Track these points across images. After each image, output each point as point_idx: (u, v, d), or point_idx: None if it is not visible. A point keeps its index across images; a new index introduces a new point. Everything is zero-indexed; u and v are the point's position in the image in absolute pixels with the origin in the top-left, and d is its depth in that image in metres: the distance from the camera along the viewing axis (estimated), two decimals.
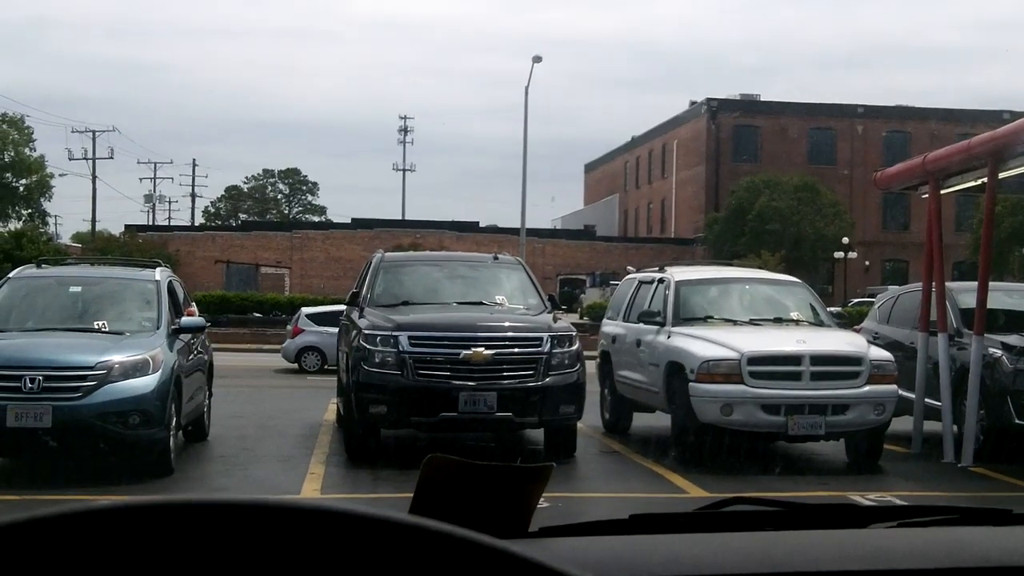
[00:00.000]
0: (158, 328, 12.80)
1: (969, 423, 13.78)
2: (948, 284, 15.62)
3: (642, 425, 16.08)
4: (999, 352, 13.94)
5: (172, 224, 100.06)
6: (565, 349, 13.38)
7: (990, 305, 14.18)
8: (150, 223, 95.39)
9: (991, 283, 14.90)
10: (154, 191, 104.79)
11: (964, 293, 15.28)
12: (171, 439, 12.03)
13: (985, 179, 14.22)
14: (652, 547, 1.88)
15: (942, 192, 15.63)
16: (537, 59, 50.86)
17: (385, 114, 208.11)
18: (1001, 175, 13.97)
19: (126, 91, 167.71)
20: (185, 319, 13.64)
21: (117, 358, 11.73)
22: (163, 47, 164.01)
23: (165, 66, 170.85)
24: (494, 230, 75.91)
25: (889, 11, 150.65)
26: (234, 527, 1.04)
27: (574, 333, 13.83)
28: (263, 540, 1.04)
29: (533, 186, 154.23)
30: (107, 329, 12.71)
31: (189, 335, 13.57)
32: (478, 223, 78.77)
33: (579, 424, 14.06)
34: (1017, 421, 13.64)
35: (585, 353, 14.08)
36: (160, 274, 13.99)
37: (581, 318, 47.06)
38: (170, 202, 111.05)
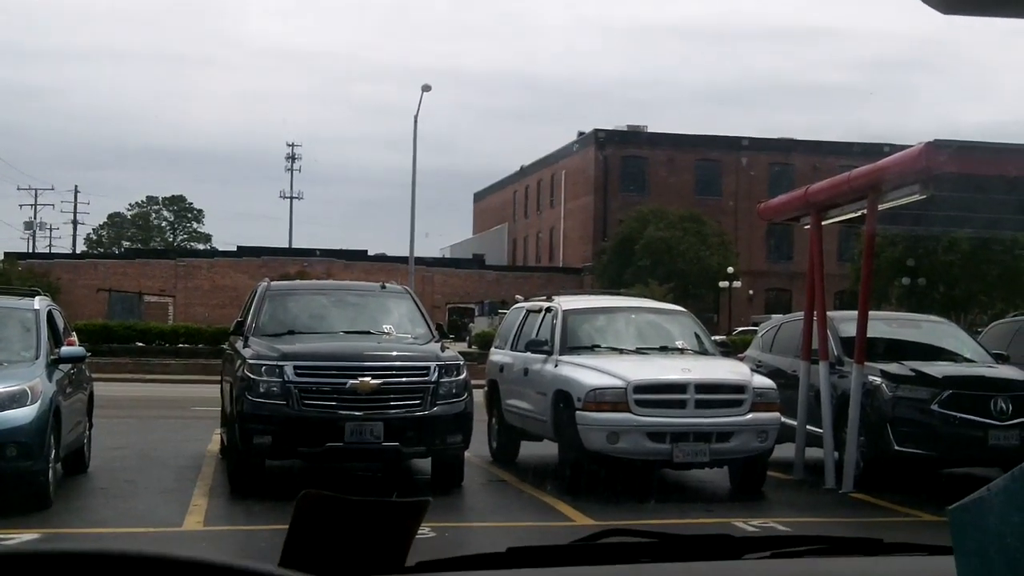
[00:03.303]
0: (37, 358, 12.49)
1: (850, 450, 14.02)
2: (829, 313, 15.90)
3: (529, 454, 16.10)
4: (879, 380, 14.22)
5: (53, 252, 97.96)
6: (452, 378, 13.35)
7: (870, 334, 14.45)
8: (30, 251, 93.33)
9: (871, 312, 15.22)
10: (35, 218, 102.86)
11: (845, 322, 15.56)
12: (50, 471, 11.74)
13: (865, 211, 14.53)
14: None
15: (824, 223, 15.93)
16: (427, 88, 50.94)
17: (273, 141, 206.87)
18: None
19: (5, 115, 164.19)
20: (65, 349, 13.33)
21: None
22: (45, 71, 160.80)
23: (46, 90, 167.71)
24: (383, 259, 75.65)
25: (774, 51, 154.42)
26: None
27: (462, 362, 13.81)
28: None
29: (423, 215, 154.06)
30: None
31: (69, 365, 13.27)
32: (367, 252, 78.48)
33: (466, 453, 14.02)
34: (896, 448, 13.91)
35: (473, 382, 14.07)
36: (39, 303, 13.68)
37: (469, 347, 46.95)
38: (51, 229, 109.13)
